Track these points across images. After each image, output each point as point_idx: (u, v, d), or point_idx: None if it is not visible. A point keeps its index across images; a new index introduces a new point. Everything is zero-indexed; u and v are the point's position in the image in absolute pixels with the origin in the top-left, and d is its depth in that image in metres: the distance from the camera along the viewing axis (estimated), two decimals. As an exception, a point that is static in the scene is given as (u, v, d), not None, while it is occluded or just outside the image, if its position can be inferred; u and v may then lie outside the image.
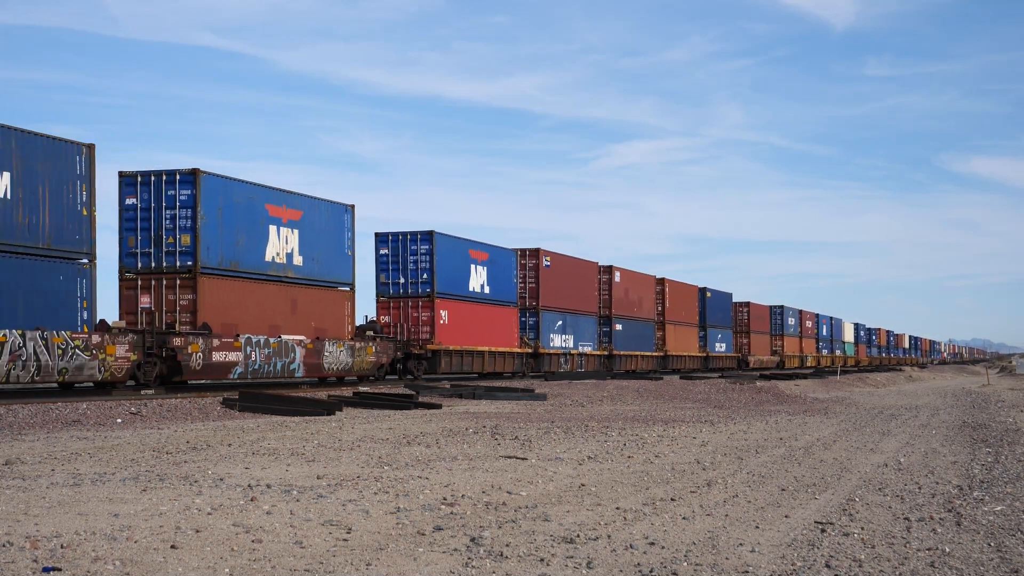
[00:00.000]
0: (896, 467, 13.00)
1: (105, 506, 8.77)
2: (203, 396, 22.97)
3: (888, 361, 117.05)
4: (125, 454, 12.96)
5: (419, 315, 35.42)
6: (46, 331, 20.71)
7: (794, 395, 35.61)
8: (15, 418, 17.50)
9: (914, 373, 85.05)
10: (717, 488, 10.72)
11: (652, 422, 20.08)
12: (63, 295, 21.90)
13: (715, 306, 64.63)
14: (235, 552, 7.13)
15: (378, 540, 7.66)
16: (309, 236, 29.77)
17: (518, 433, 16.69)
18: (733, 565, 7.11)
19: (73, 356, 21.31)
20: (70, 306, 22.03)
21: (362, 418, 19.98)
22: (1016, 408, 28.67)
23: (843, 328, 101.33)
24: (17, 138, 21.15)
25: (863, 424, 20.73)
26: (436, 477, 11.15)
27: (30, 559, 6.72)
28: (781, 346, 77.72)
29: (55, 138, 22.17)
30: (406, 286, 35.62)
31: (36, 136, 21.68)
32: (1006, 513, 9.47)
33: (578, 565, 7.03)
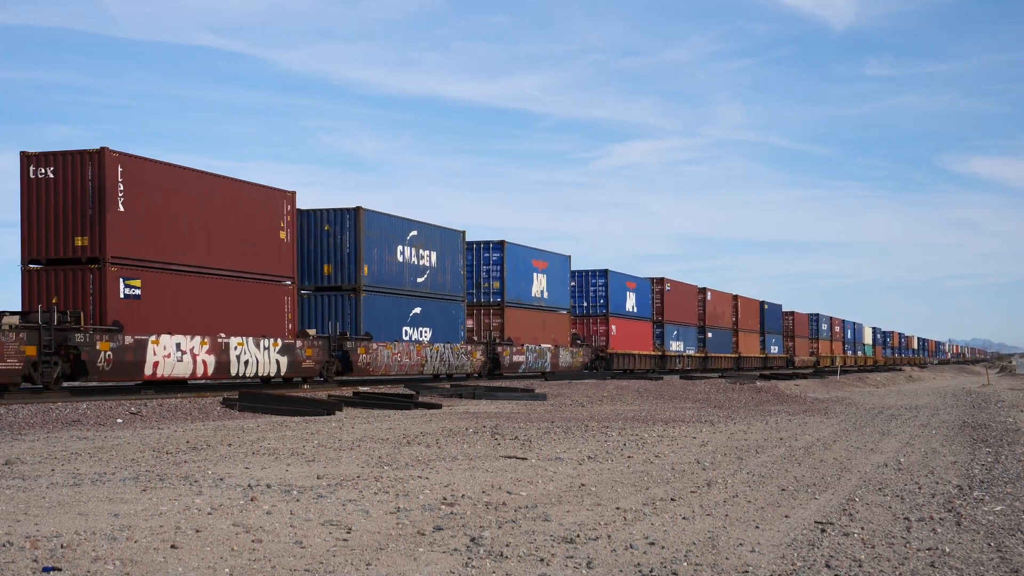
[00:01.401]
0: (896, 467, 13.00)
1: (105, 506, 8.78)
2: (203, 396, 22.97)
3: (900, 360, 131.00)
4: (125, 454, 12.96)
5: (599, 328, 49.96)
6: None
7: (794, 395, 35.61)
8: (15, 418, 17.50)
9: (914, 373, 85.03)
10: (717, 488, 10.72)
11: (652, 422, 20.08)
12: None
13: (770, 316, 77.65)
14: (235, 552, 7.14)
15: (378, 540, 7.66)
16: (552, 278, 44.51)
17: (518, 433, 16.69)
18: (733, 565, 7.11)
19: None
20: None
21: (362, 418, 19.98)
22: (1016, 408, 28.66)
23: (864, 332, 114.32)
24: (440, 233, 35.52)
25: (863, 424, 20.74)
26: (436, 477, 11.15)
27: (30, 559, 6.72)
28: (817, 348, 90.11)
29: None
30: (590, 309, 50.09)
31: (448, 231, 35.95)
32: (1006, 513, 9.47)
33: (578, 565, 7.03)
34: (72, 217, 22.78)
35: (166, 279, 24.20)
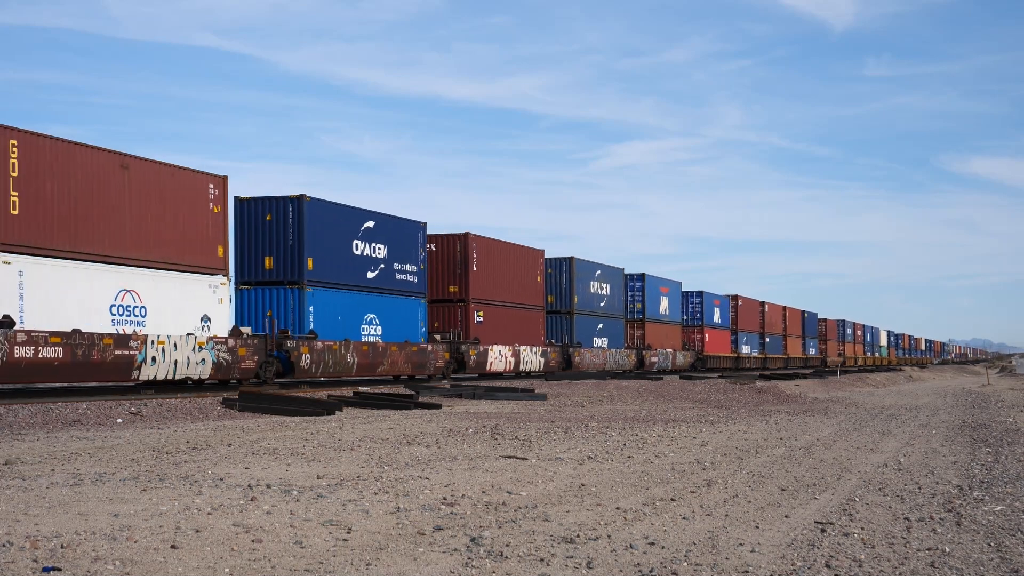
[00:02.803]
0: (896, 467, 13.00)
1: (105, 506, 8.77)
2: (203, 396, 22.96)
3: (910, 360, 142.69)
4: (125, 454, 12.96)
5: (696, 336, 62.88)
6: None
7: (794, 395, 35.61)
8: (15, 418, 17.50)
9: (914, 373, 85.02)
10: (717, 488, 10.72)
11: (652, 422, 20.08)
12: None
13: (808, 322, 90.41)
14: (235, 552, 7.14)
15: (378, 540, 7.66)
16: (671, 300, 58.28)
17: (518, 433, 16.69)
18: (733, 565, 7.12)
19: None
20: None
21: (362, 418, 19.98)
22: (1016, 408, 28.66)
23: (880, 335, 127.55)
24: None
25: (863, 424, 20.74)
26: (436, 477, 11.15)
27: (30, 559, 6.72)
28: (843, 350, 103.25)
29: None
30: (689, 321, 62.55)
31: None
32: (1006, 513, 9.47)
33: (578, 565, 7.03)
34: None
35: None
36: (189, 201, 24.99)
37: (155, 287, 23.84)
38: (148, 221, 23.78)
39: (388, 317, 32.41)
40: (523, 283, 40.39)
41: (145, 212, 23.70)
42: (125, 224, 23.17)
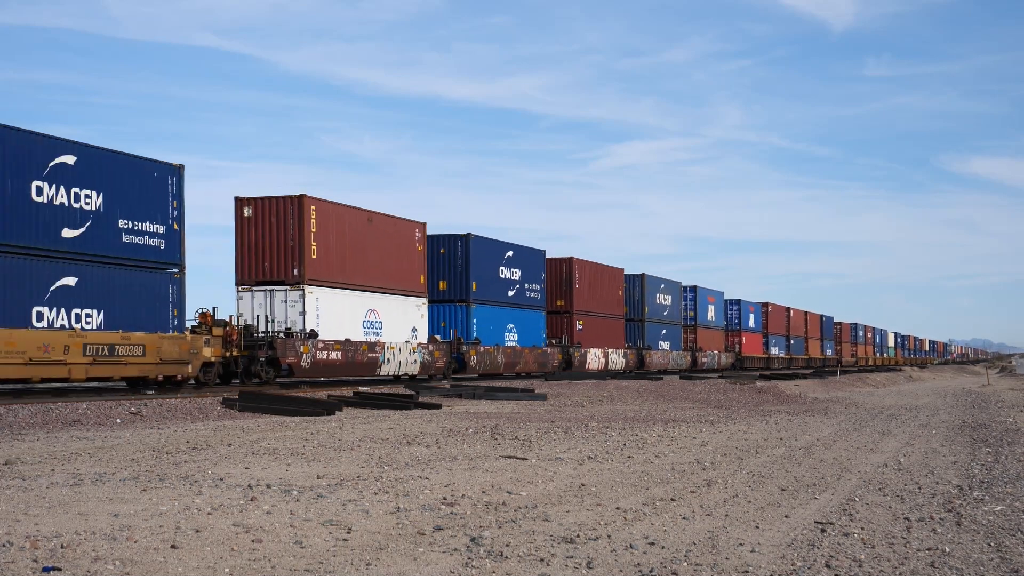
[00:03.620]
0: (896, 467, 13.00)
1: (105, 506, 8.77)
2: (203, 396, 22.97)
3: (915, 360, 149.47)
4: (125, 454, 12.96)
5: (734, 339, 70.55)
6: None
7: (794, 395, 35.61)
8: (15, 418, 17.49)
9: (914, 373, 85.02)
10: (717, 488, 10.72)
11: (652, 422, 20.07)
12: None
13: (826, 325, 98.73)
14: (235, 552, 7.13)
15: (378, 540, 7.66)
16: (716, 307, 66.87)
17: (518, 433, 16.69)
18: (733, 565, 7.11)
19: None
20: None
21: (362, 418, 19.97)
22: (1016, 408, 28.66)
23: (887, 336, 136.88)
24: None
25: (863, 424, 20.73)
26: (436, 477, 11.15)
27: (30, 559, 6.72)
28: (856, 350, 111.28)
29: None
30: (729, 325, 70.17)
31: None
32: (1006, 513, 9.47)
33: (578, 565, 7.03)
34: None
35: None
36: (405, 243, 33.72)
37: (386, 307, 32.58)
38: (382, 259, 32.22)
39: (522, 326, 41.06)
40: (609, 296, 49.32)
41: (380, 253, 32.17)
42: (369, 262, 31.62)
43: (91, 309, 22.55)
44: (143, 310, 23.93)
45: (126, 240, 23.65)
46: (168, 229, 24.83)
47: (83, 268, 22.44)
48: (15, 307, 20.74)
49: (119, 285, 23.38)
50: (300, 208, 28.51)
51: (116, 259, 23.35)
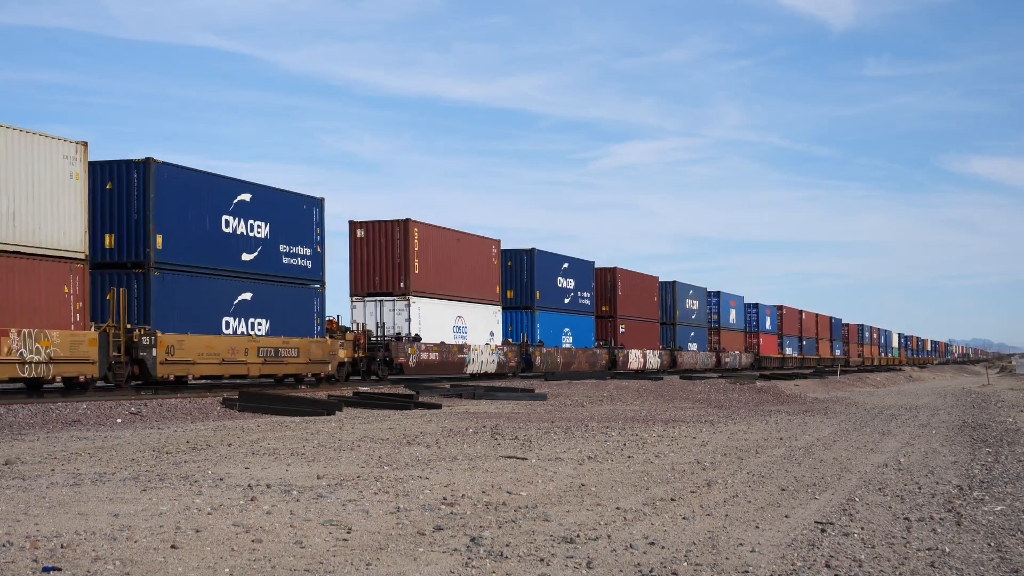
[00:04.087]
0: (896, 467, 13.00)
1: (105, 506, 8.77)
2: (203, 396, 22.98)
3: (918, 360, 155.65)
4: (125, 454, 12.96)
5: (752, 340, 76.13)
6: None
7: (794, 395, 35.61)
8: (15, 418, 17.50)
9: (914, 373, 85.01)
10: (717, 488, 10.72)
11: (652, 422, 20.07)
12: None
13: (835, 327, 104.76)
14: (235, 552, 7.13)
15: (378, 540, 7.66)
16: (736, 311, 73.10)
17: (518, 433, 16.68)
18: (733, 565, 7.11)
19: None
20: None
21: (362, 418, 19.97)
22: (1016, 408, 28.66)
23: (892, 337, 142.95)
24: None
25: (863, 424, 20.73)
26: (436, 477, 11.15)
27: (30, 559, 6.72)
28: (862, 351, 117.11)
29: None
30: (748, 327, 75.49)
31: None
32: (1006, 513, 9.47)
33: (578, 565, 7.03)
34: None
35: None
36: (484, 258, 39.47)
37: (471, 314, 38.14)
38: (467, 272, 37.75)
39: (576, 330, 46.26)
40: (646, 302, 54.96)
41: (465, 267, 37.68)
42: (457, 275, 37.07)
43: (262, 319, 27.94)
44: (296, 319, 29.24)
45: (285, 261, 29.09)
46: (313, 251, 30.25)
47: (256, 285, 27.84)
48: (211, 318, 26.01)
49: (280, 298, 28.67)
50: (405, 231, 33.92)
51: (278, 277, 28.82)
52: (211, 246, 26.23)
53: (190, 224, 25.68)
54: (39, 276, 21.07)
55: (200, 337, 25.14)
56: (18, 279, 20.64)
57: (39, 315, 20.92)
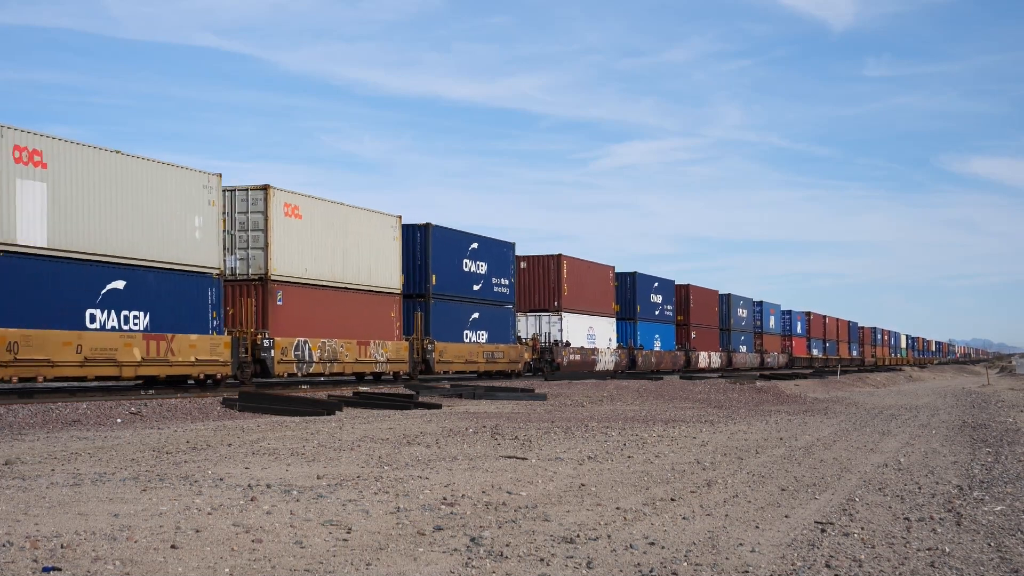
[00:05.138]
0: (896, 467, 13.00)
1: (105, 506, 8.77)
2: (203, 396, 22.97)
3: (923, 360, 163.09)
4: (125, 454, 12.96)
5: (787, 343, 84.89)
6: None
7: (794, 395, 35.61)
8: (15, 418, 17.50)
9: (914, 373, 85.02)
10: (717, 488, 10.72)
11: (652, 422, 20.07)
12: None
13: (852, 329, 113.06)
14: (235, 552, 7.13)
15: (378, 540, 7.66)
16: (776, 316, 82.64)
17: (518, 433, 16.69)
18: (733, 565, 7.11)
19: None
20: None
21: (362, 418, 19.97)
22: (1016, 408, 28.66)
23: (900, 338, 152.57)
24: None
25: (863, 424, 20.73)
26: (436, 477, 11.15)
27: (30, 559, 6.72)
28: (875, 351, 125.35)
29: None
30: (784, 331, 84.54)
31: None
32: (1006, 513, 9.47)
33: (578, 565, 7.03)
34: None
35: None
36: (604, 280, 49.54)
37: (597, 324, 48.17)
38: (594, 292, 47.92)
39: (663, 336, 57.19)
40: (709, 312, 65.53)
41: (593, 287, 47.82)
42: (588, 294, 47.07)
43: (484, 331, 38.95)
44: (500, 330, 40.37)
45: (495, 290, 39.94)
46: (509, 281, 41.28)
47: (481, 307, 38.84)
48: (457, 330, 37.05)
49: (492, 316, 39.72)
50: (559, 263, 44.58)
51: (492, 301, 39.67)
52: (457, 281, 37.02)
53: (447, 267, 36.33)
54: (379, 305, 32.37)
55: (451, 345, 36.14)
56: (369, 307, 31.80)
57: (380, 331, 32.24)
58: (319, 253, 29.66)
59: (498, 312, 40.12)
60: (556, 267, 44.57)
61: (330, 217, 30.30)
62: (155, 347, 23.71)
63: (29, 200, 21.01)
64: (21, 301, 20.78)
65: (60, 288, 21.67)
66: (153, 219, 24.12)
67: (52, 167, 21.60)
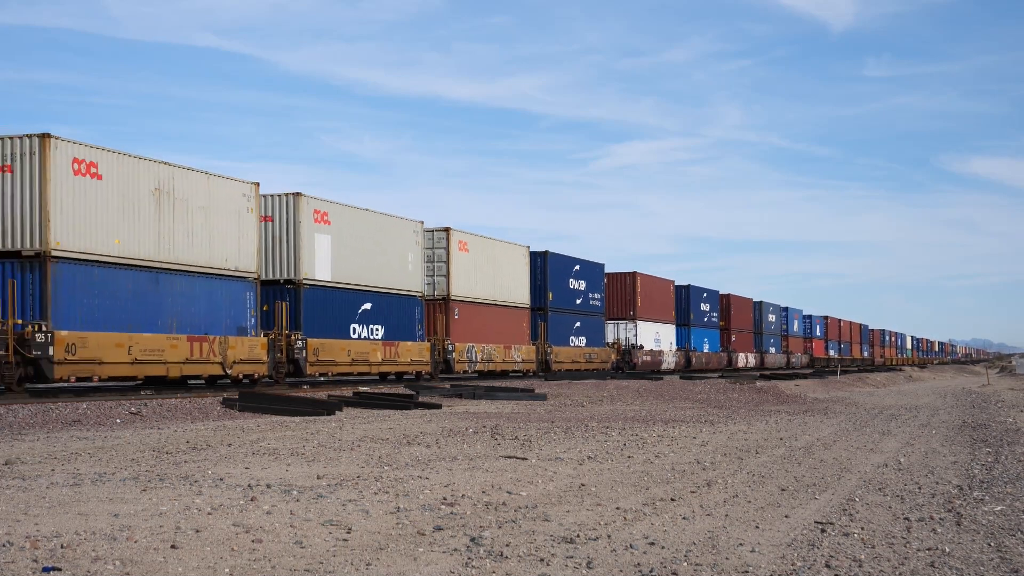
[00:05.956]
0: (896, 467, 13.00)
1: (105, 506, 8.77)
2: (203, 396, 22.98)
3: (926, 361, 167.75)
4: (125, 454, 12.96)
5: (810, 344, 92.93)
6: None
7: (794, 395, 35.61)
8: (15, 418, 17.50)
9: (914, 373, 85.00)
10: (717, 488, 10.72)
11: (652, 422, 20.07)
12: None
13: (864, 332, 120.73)
14: (235, 552, 7.13)
15: (378, 540, 7.66)
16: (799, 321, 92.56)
17: (518, 433, 16.69)
18: (733, 565, 7.11)
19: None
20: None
21: (362, 418, 19.97)
22: (1016, 408, 28.66)
23: (906, 339, 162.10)
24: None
25: (863, 424, 20.73)
26: (436, 477, 11.15)
27: (30, 559, 6.72)
28: (883, 352, 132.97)
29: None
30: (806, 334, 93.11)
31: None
32: (1006, 513, 9.47)
33: (578, 565, 7.03)
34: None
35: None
36: (667, 292, 58.38)
37: (662, 330, 57.00)
38: (659, 302, 56.79)
39: (710, 340, 66.02)
40: (745, 317, 74.30)
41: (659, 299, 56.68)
42: (655, 304, 55.99)
43: (584, 336, 47.91)
44: (595, 335, 49.33)
45: (591, 303, 48.80)
46: (600, 296, 49.85)
47: (582, 317, 47.84)
48: (565, 336, 46.04)
49: (589, 324, 48.53)
50: (633, 279, 53.58)
51: (588, 312, 48.48)
52: (566, 296, 46.30)
53: (559, 285, 45.38)
54: (516, 317, 42.01)
55: (563, 348, 45.43)
56: (510, 319, 41.25)
57: (517, 337, 41.92)
58: (479, 278, 38.96)
59: (593, 321, 49.31)
60: (632, 282, 53.66)
61: (487, 250, 39.66)
62: (389, 351, 32.70)
63: (321, 248, 29.70)
64: (318, 319, 29.39)
65: (337, 309, 30.43)
66: (387, 257, 32.96)
67: (334, 223, 30.34)
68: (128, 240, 23.23)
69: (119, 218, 23.00)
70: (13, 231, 21.36)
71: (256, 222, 27.38)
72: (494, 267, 39.92)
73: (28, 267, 21.29)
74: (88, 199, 22.25)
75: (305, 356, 28.34)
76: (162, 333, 23.93)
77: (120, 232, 23.00)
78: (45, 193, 21.28)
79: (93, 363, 22.02)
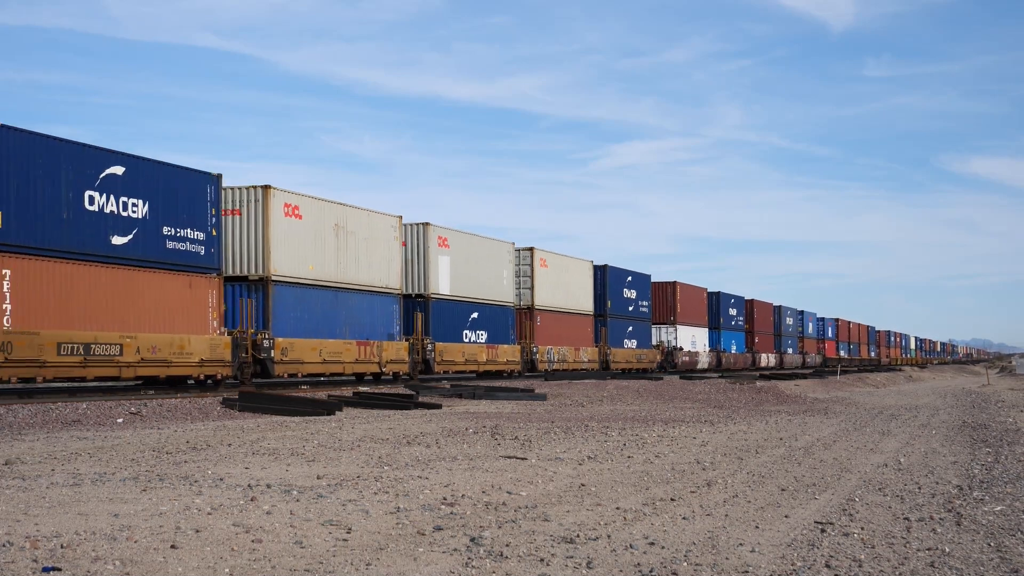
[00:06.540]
0: (896, 467, 13.00)
1: (105, 506, 8.77)
2: (203, 396, 22.98)
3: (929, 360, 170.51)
4: (125, 454, 12.96)
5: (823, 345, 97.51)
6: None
7: (794, 395, 35.60)
8: (15, 418, 17.50)
9: (914, 373, 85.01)
10: (717, 488, 10.72)
11: (652, 422, 20.07)
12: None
13: (871, 333, 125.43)
14: (235, 552, 7.14)
15: (378, 540, 7.66)
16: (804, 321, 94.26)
17: (518, 433, 16.69)
18: (733, 565, 7.12)
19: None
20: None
21: (362, 418, 19.97)
22: (1016, 408, 28.66)
23: (911, 340, 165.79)
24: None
25: (863, 424, 20.73)
26: (436, 477, 11.15)
27: (30, 559, 6.72)
28: (889, 352, 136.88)
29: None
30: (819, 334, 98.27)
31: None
32: (1006, 513, 9.47)
33: (578, 565, 7.03)
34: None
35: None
36: (701, 299, 63.05)
37: (697, 333, 61.63)
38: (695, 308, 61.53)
39: (736, 342, 70.37)
40: (767, 320, 78.67)
41: (694, 304, 61.60)
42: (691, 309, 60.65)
43: (634, 339, 53.65)
44: (644, 339, 54.62)
45: (640, 310, 54.18)
46: (648, 303, 55.39)
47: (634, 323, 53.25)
48: (620, 339, 51.77)
49: (639, 329, 54.04)
50: (674, 287, 58.69)
51: (638, 318, 54.04)
52: (621, 304, 51.83)
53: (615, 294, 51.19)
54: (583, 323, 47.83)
55: (619, 350, 50.93)
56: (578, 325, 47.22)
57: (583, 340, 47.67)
58: (555, 289, 45.13)
59: (642, 326, 54.81)
60: (672, 290, 59.18)
61: (561, 264, 45.78)
62: (491, 353, 39.13)
63: (443, 268, 35.99)
64: (441, 327, 35.63)
65: (454, 318, 36.69)
66: (488, 274, 39.11)
67: (452, 247, 36.60)
68: (318, 266, 29.40)
69: (312, 249, 29.13)
70: (243, 261, 27.52)
71: (400, 248, 33.55)
72: (568, 279, 46.58)
73: (254, 288, 27.34)
74: (293, 235, 28.32)
75: (434, 357, 34.77)
76: (339, 339, 29.94)
77: (313, 260, 29.16)
78: (267, 231, 27.47)
79: (298, 363, 27.88)
